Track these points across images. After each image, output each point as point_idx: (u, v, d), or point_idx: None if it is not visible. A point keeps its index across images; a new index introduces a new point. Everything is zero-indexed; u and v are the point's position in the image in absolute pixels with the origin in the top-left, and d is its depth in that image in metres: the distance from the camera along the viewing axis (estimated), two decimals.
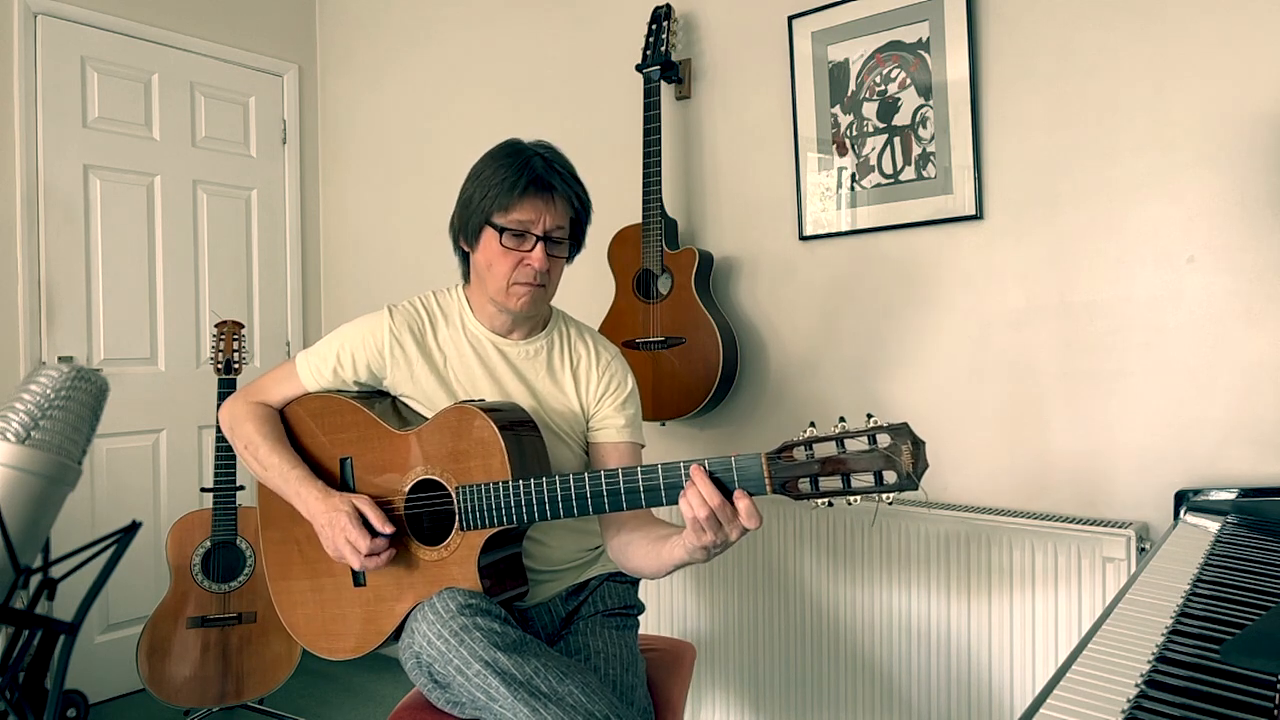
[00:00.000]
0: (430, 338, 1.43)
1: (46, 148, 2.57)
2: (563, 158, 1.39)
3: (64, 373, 0.93)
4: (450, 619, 1.18)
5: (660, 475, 1.16)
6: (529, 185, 1.31)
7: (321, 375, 1.44)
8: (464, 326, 1.45)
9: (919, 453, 1.02)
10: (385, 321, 1.42)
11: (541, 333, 1.47)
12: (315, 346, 1.46)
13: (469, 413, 1.29)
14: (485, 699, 1.14)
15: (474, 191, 1.36)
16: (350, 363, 1.42)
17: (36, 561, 0.89)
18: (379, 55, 3.06)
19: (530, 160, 1.33)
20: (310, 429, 1.44)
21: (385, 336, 1.41)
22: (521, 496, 1.23)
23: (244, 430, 1.42)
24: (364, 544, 1.25)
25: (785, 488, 1.08)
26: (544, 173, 1.33)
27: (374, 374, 1.43)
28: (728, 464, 1.11)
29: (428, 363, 1.42)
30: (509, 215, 1.32)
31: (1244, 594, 0.92)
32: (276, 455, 1.39)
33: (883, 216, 1.92)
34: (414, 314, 1.44)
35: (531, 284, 1.35)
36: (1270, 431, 1.52)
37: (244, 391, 1.49)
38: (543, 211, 1.33)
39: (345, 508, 1.29)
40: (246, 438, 1.42)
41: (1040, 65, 1.73)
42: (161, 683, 2.25)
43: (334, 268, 3.26)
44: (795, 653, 1.97)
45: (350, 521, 1.27)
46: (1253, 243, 1.53)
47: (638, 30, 2.30)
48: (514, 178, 1.31)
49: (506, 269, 1.35)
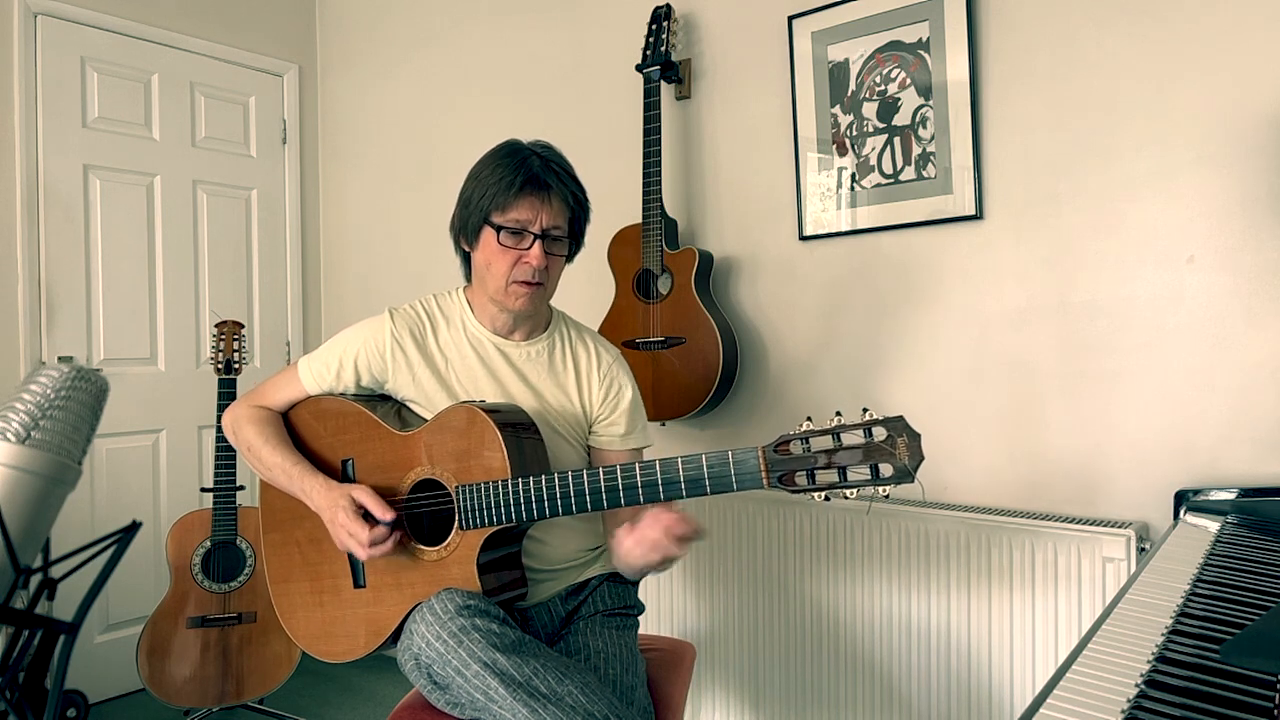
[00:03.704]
0: (431, 340, 1.44)
1: (46, 148, 2.57)
2: (560, 157, 1.40)
3: (64, 373, 0.93)
4: (449, 620, 1.18)
5: (659, 472, 1.16)
6: (525, 184, 1.33)
7: (323, 380, 1.44)
8: (465, 328, 1.45)
9: (915, 445, 1.02)
10: (386, 325, 1.42)
11: (543, 334, 1.48)
12: (317, 352, 1.47)
13: (470, 412, 1.29)
14: (484, 700, 1.14)
15: (473, 191, 1.37)
16: (352, 367, 1.42)
17: (36, 561, 0.89)
18: (379, 55, 3.06)
19: (527, 159, 1.35)
20: (313, 431, 1.45)
21: (386, 340, 1.41)
22: (520, 495, 1.23)
23: (245, 434, 1.43)
24: (363, 534, 1.25)
25: (782, 481, 1.08)
26: (541, 171, 1.34)
27: (375, 378, 1.43)
28: (725, 458, 1.12)
29: (429, 365, 1.42)
30: (506, 214, 1.34)
31: (1244, 594, 0.92)
32: (278, 455, 1.39)
33: (883, 216, 1.92)
34: (415, 317, 1.44)
35: (530, 282, 1.36)
36: (1270, 431, 1.52)
37: (246, 397, 1.50)
38: (540, 210, 1.34)
39: (343, 501, 1.29)
40: (248, 441, 1.43)
41: (1040, 65, 1.73)
42: (161, 683, 2.25)
43: (334, 268, 3.26)
44: (795, 653, 1.97)
45: (347, 514, 1.28)
46: (1253, 243, 1.53)
47: (638, 30, 2.30)
48: (511, 176, 1.33)
49: (505, 267, 1.35)
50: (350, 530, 1.27)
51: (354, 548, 1.28)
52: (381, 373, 1.43)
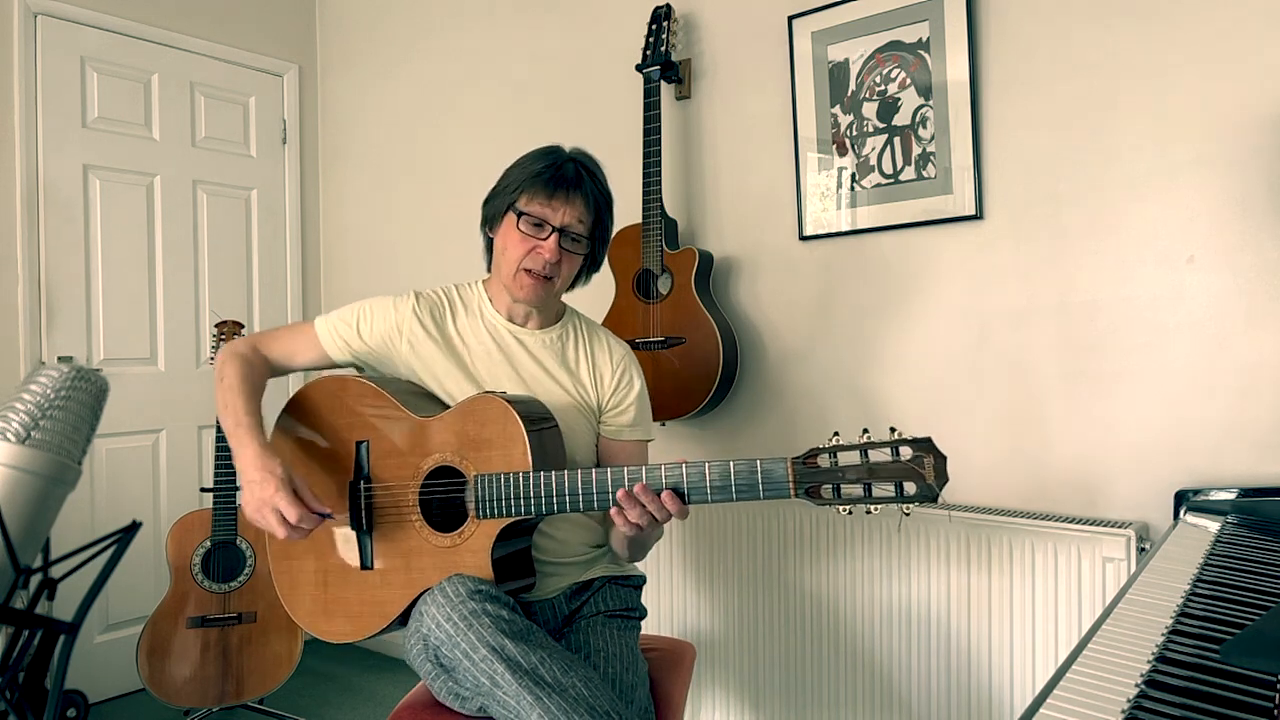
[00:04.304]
0: (450, 324, 1.49)
1: (46, 148, 2.57)
2: (595, 164, 1.47)
3: (64, 373, 0.93)
4: (460, 603, 1.19)
5: (684, 475, 1.19)
6: (555, 176, 1.39)
7: (337, 334, 1.48)
8: (483, 315, 1.50)
9: (941, 467, 1.06)
10: (410, 302, 1.49)
11: (556, 324, 1.53)
12: (335, 312, 1.51)
13: (494, 402, 1.31)
14: (489, 684, 1.14)
15: (506, 178, 1.44)
16: (370, 327, 1.47)
17: (36, 561, 0.89)
18: (379, 55, 3.06)
19: (563, 157, 1.43)
20: (329, 408, 1.44)
21: (407, 314, 1.47)
22: (542, 488, 1.25)
23: (228, 369, 1.41)
24: (294, 512, 1.22)
25: (809, 492, 1.12)
26: (572, 170, 1.41)
27: (387, 344, 1.46)
28: (753, 467, 1.14)
29: (446, 346, 1.46)
30: (531, 203, 1.39)
31: (1244, 594, 0.92)
32: (241, 399, 1.37)
33: (883, 216, 1.92)
34: (436, 300, 1.51)
35: (540, 274, 1.40)
36: (1270, 431, 1.52)
37: (253, 336, 1.51)
38: (563, 206, 1.39)
39: (281, 473, 1.26)
40: (225, 374, 1.41)
41: (1040, 65, 1.73)
42: (161, 683, 2.25)
43: (334, 268, 3.26)
44: (795, 653, 1.97)
45: (282, 487, 1.24)
46: (1253, 243, 1.53)
47: (638, 30, 2.30)
48: (542, 168, 1.40)
49: (519, 254, 1.40)
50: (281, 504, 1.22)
51: (272, 522, 1.23)
52: (394, 341, 1.45)
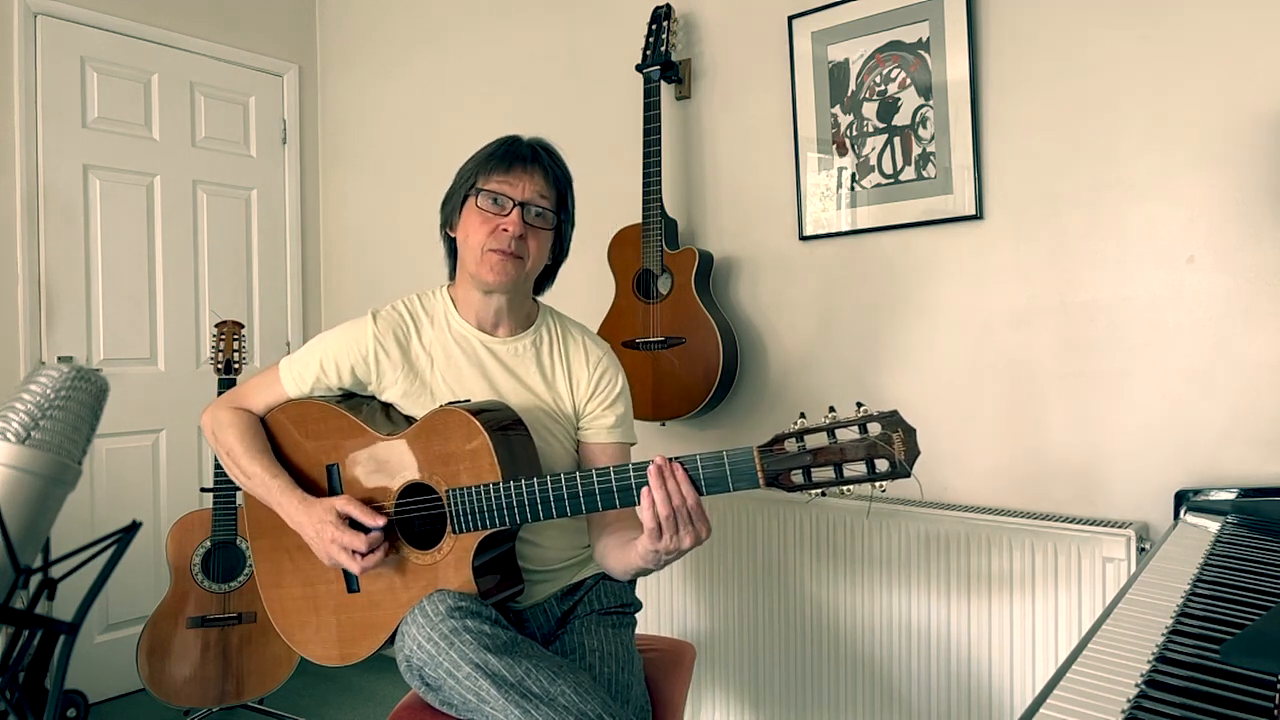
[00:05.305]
0: (415, 341, 1.42)
1: (46, 148, 2.57)
2: (554, 147, 1.45)
3: (64, 373, 0.93)
4: (440, 622, 1.18)
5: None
6: (508, 154, 1.37)
7: (303, 382, 1.42)
8: (449, 326, 1.44)
9: (911, 440, 1.01)
10: (369, 328, 1.41)
11: (529, 330, 1.46)
12: (298, 354, 1.45)
13: (455, 414, 1.28)
14: (476, 701, 1.14)
15: (461, 172, 1.42)
16: (334, 370, 1.41)
17: (36, 561, 0.89)
18: (379, 55, 3.06)
19: (517, 137, 1.41)
20: (294, 437, 1.42)
21: (369, 343, 1.40)
22: (513, 498, 1.22)
23: (225, 438, 1.41)
24: (360, 542, 1.25)
25: (779, 480, 1.07)
26: (527, 147, 1.39)
27: (359, 379, 1.42)
28: (720, 459, 1.11)
29: (413, 367, 1.41)
30: (489, 180, 1.37)
31: (1244, 594, 0.92)
32: (258, 464, 1.37)
33: (883, 216, 1.92)
34: (398, 318, 1.43)
35: (506, 251, 1.35)
36: (1270, 431, 1.52)
37: (226, 397, 1.48)
38: (522, 179, 1.36)
39: (329, 516, 1.28)
40: (227, 446, 1.41)
41: (1040, 65, 1.73)
42: (161, 683, 2.25)
43: (334, 268, 3.26)
44: (795, 653, 1.97)
45: (338, 528, 1.27)
46: (1253, 243, 1.53)
47: (638, 30, 2.30)
48: (496, 147, 1.39)
49: (483, 235, 1.36)
50: (344, 542, 1.25)
51: (346, 561, 1.26)
52: (366, 375, 1.41)
